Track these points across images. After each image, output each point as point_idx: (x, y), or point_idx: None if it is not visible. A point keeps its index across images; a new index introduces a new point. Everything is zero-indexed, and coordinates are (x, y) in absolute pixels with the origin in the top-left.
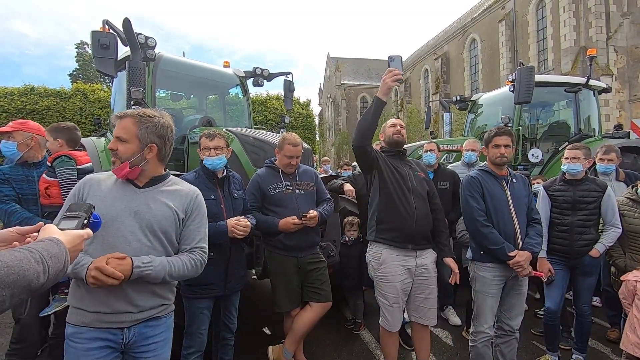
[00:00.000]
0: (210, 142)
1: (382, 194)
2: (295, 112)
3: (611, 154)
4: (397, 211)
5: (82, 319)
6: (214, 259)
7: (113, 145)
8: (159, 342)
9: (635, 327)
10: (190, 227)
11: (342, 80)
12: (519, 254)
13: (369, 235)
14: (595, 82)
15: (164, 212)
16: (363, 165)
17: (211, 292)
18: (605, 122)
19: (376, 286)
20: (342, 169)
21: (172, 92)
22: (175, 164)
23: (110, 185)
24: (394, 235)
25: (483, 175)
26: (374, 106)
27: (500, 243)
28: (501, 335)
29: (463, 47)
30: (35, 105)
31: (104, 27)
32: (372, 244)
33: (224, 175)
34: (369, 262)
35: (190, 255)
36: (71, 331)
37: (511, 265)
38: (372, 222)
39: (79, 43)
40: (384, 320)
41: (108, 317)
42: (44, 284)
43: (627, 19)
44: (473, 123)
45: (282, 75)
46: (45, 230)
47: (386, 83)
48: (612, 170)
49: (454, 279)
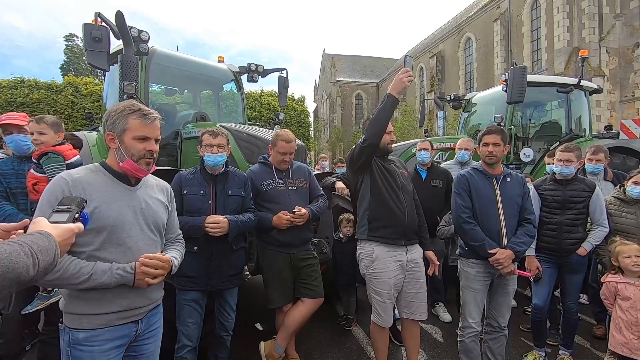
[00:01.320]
0: (214, 140)
1: (374, 193)
2: (290, 108)
3: (599, 154)
4: (390, 208)
5: (98, 322)
6: (196, 252)
7: (155, 147)
8: (158, 327)
9: (620, 327)
10: (172, 217)
11: (337, 77)
12: (499, 251)
13: (359, 234)
14: (587, 82)
15: (159, 207)
16: (363, 164)
17: (193, 285)
18: (597, 122)
19: (368, 283)
20: (336, 166)
21: (166, 86)
22: (169, 159)
23: (102, 186)
24: (388, 232)
25: (473, 173)
26: (389, 104)
27: (480, 240)
28: (490, 331)
29: (458, 45)
30: (26, 98)
31: (96, 19)
32: (364, 242)
33: (219, 172)
34: (361, 260)
35: (180, 244)
36: (84, 336)
37: (491, 263)
38: (363, 221)
39: (68, 35)
40: (377, 317)
41: (127, 313)
42: (33, 277)
43: (620, 21)
44: (466, 122)
45: (277, 71)
46: (35, 224)
47: (403, 82)
48: (600, 170)
49: (431, 270)
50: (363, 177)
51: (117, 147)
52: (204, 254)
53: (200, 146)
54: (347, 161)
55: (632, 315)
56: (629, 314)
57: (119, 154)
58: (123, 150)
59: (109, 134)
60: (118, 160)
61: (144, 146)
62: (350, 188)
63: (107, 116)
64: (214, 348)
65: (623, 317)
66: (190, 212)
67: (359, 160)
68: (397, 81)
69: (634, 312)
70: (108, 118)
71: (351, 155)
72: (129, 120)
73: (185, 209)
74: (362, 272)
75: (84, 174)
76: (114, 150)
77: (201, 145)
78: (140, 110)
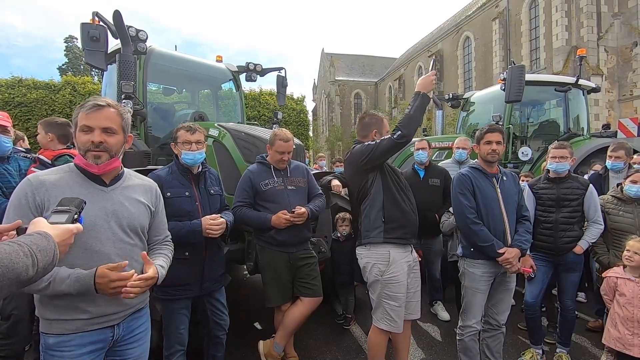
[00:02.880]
0: (192, 136)
1: (387, 193)
2: (289, 108)
3: (619, 152)
4: (403, 208)
5: (68, 327)
6: (188, 258)
7: (99, 137)
8: (143, 331)
9: (616, 322)
10: (159, 219)
11: (336, 77)
12: (508, 251)
13: (372, 237)
14: (585, 81)
15: (139, 209)
16: (381, 162)
17: (187, 292)
18: (595, 121)
19: (383, 290)
20: (334, 165)
21: (164, 86)
22: (168, 159)
23: (69, 187)
24: (403, 232)
25: (474, 172)
26: (423, 102)
27: (489, 240)
28: (488, 329)
29: (457, 44)
30: (23, 97)
31: (93, 19)
32: (376, 246)
33: (199, 171)
34: (372, 266)
35: (168, 248)
36: (54, 341)
37: (500, 262)
38: (377, 223)
39: (68, 37)
40: (389, 323)
41: (98, 320)
42: (32, 277)
43: (618, 19)
44: (465, 121)
45: (275, 70)
46: (34, 224)
47: (432, 83)
48: (621, 168)
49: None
50: (374, 177)
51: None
52: (197, 259)
53: (174, 144)
54: (360, 158)
55: (628, 311)
56: (626, 309)
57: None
58: (77, 147)
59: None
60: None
61: (88, 138)
62: (354, 188)
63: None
64: (211, 348)
65: (620, 312)
66: (177, 216)
67: (382, 157)
68: (428, 82)
69: (631, 308)
70: (75, 116)
71: (372, 153)
72: (79, 113)
73: (170, 213)
74: (372, 280)
75: (53, 175)
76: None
77: (176, 143)
78: (91, 101)
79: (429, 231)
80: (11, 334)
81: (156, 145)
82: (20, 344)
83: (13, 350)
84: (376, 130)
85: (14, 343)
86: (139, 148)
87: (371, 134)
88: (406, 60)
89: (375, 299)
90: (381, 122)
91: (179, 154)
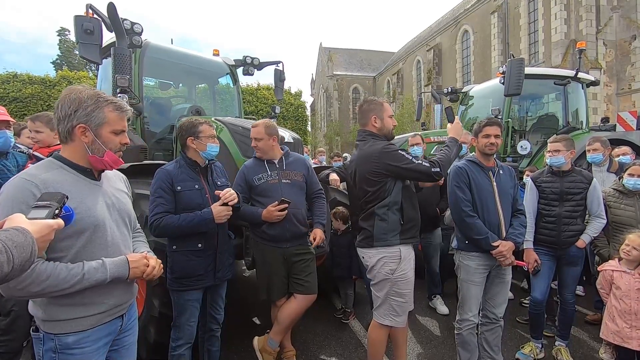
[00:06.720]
0: (214, 131)
1: (404, 193)
2: (287, 102)
3: (595, 144)
4: (416, 207)
5: (88, 323)
6: (202, 249)
7: (126, 139)
8: (135, 318)
9: (613, 316)
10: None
11: (334, 71)
12: (502, 244)
13: (390, 239)
14: (584, 75)
15: (126, 200)
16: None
17: (201, 283)
18: (594, 115)
19: (392, 287)
20: (332, 160)
21: (160, 80)
22: (164, 154)
23: (72, 184)
24: (415, 231)
25: (470, 166)
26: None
27: (484, 233)
28: (486, 323)
29: (455, 38)
30: (19, 92)
31: (87, 11)
32: (389, 247)
33: (206, 164)
34: (382, 265)
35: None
36: (74, 339)
37: (494, 255)
38: (394, 226)
39: (60, 30)
40: (393, 319)
41: (114, 310)
42: (8, 274)
43: (617, 13)
44: (464, 115)
45: (273, 64)
46: (11, 220)
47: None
48: (600, 160)
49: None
50: (395, 179)
51: (92, 140)
52: (211, 248)
53: (194, 138)
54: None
55: (625, 304)
56: (623, 302)
57: (93, 147)
58: (101, 144)
59: (81, 126)
60: (90, 153)
61: (120, 139)
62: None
63: (76, 105)
64: (206, 342)
65: (617, 305)
66: (189, 209)
67: (409, 177)
68: (459, 129)
69: (628, 300)
70: (78, 108)
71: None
72: (106, 112)
73: (182, 207)
74: (380, 278)
75: (46, 173)
76: (81, 144)
77: (197, 137)
78: (113, 101)
79: (428, 225)
80: (10, 330)
81: (153, 140)
82: (19, 340)
83: (12, 346)
84: (375, 116)
85: (12, 339)
86: (136, 143)
87: (371, 121)
88: (404, 54)
89: (381, 297)
90: (380, 107)
91: (203, 148)
